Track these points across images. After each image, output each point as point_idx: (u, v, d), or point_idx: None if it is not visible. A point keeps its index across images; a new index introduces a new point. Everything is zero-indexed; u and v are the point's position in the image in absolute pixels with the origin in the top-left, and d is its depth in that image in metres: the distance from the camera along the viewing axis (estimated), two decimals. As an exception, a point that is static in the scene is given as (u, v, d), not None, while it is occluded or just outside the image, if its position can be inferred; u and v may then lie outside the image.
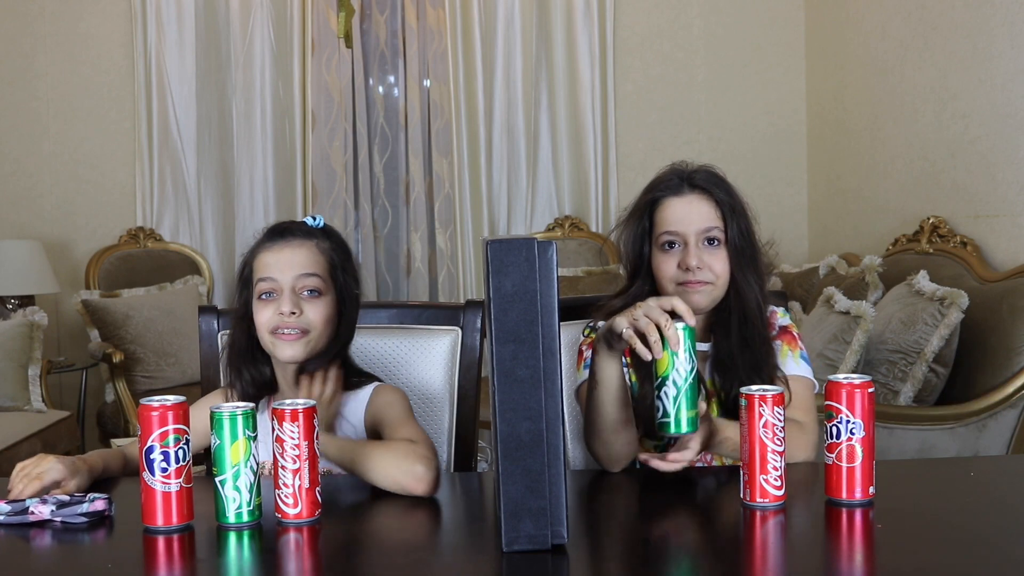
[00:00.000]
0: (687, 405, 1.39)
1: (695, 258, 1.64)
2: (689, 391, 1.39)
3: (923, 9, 3.64)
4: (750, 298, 1.66)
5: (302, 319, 1.59)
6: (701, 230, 1.66)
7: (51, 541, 1.31)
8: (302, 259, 1.61)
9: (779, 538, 1.31)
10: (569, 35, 4.72)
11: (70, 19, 4.60)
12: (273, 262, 1.61)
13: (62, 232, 4.62)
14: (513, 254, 1.17)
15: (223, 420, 1.30)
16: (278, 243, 1.63)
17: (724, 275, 1.66)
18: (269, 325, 1.59)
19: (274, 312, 1.59)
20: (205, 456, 1.94)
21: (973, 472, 1.58)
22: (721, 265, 1.65)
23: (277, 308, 1.59)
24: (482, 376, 1.93)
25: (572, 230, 4.71)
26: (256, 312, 1.61)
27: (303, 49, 4.60)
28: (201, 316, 1.93)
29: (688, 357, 1.39)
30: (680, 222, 1.67)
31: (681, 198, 1.68)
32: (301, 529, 1.30)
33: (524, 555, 1.17)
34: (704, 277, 1.64)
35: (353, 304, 1.68)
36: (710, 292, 1.66)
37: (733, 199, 1.68)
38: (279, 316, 1.58)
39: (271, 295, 1.60)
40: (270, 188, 4.67)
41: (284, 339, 1.59)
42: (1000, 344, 2.82)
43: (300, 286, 1.60)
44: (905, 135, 3.79)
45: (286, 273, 1.60)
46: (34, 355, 3.80)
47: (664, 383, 1.40)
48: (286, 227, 1.66)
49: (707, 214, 1.66)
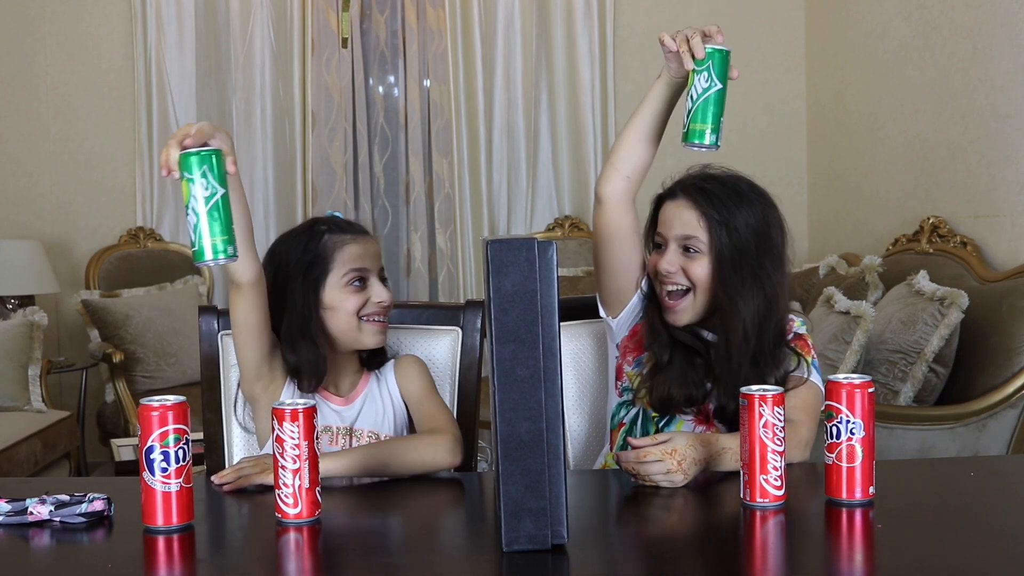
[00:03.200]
0: (702, 118, 1.54)
1: (667, 261, 1.68)
2: (706, 105, 1.53)
3: (923, 9, 3.64)
4: (742, 311, 1.63)
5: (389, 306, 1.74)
6: (679, 236, 1.68)
7: (50, 541, 1.30)
8: (376, 252, 1.75)
9: (779, 538, 1.31)
10: (569, 35, 4.72)
11: (70, 19, 4.60)
12: (363, 252, 1.71)
13: (62, 232, 4.62)
14: (513, 254, 1.17)
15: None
16: (359, 237, 1.73)
17: (704, 282, 1.66)
18: (363, 312, 1.70)
19: (365, 299, 1.69)
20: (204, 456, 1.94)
21: (973, 472, 1.58)
22: (701, 272, 1.66)
23: (367, 296, 1.70)
24: (482, 376, 1.94)
25: (572, 230, 4.71)
26: (342, 300, 1.69)
27: (303, 49, 4.60)
28: (201, 316, 1.93)
29: (709, 76, 1.53)
30: (664, 224, 1.71)
31: (672, 202, 1.71)
32: (301, 529, 1.30)
33: (524, 555, 1.17)
34: (676, 280, 1.67)
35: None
36: (689, 305, 1.67)
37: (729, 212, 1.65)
38: (376, 304, 1.70)
39: (361, 283, 1.70)
40: (270, 188, 4.67)
41: (376, 324, 1.71)
42: (1000, 344, 2.82)
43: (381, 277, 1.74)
44: (905, 135, 3.79)
45: (375, 263, 1.73)
46: (34, 355, 3.80)
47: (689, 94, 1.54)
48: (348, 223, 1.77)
49: (688, 222, 1.67)
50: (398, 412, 1.78)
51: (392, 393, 1.78)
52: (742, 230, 1.65)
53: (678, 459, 1.46)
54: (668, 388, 1.65)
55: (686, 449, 1.48)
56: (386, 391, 1.78)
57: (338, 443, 1.73)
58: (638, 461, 1.47)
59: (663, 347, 1.69)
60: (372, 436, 1.74)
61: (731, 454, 1.50)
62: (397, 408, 1.78)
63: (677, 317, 1.68)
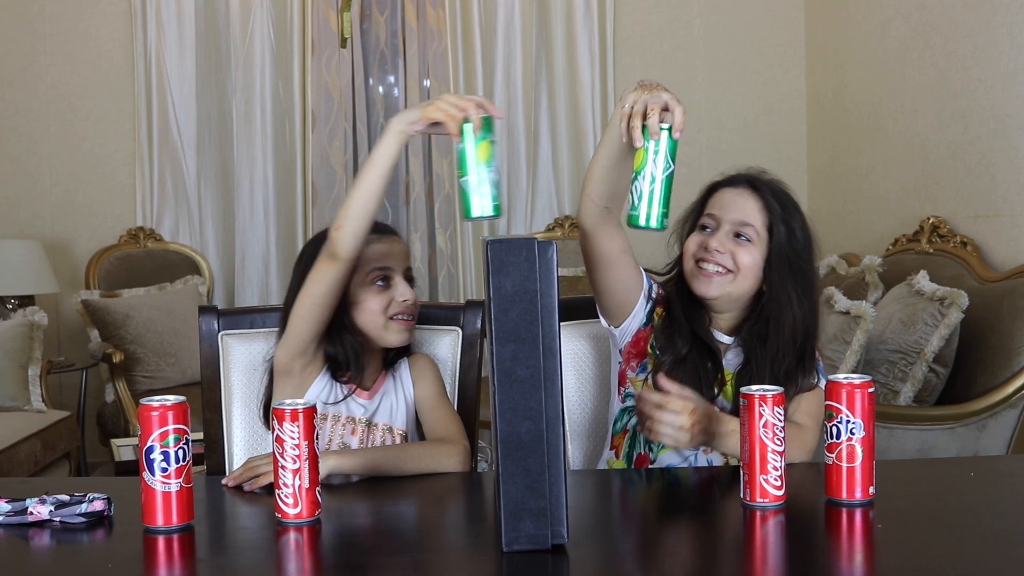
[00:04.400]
0: (660, 201, 1.41)
1: (717, 241, 1.66)
2: (663, 187, 1.40)
3: (923, 9, 3.64)
4: (785, 310, 1.64)
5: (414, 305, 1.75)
6: (737, 220, 1.67)
7: (50, 541, 1.30)
8: (404, 251, 1.76)
9: (779, 538, 1.31)
10: (569, 35, 4.71)
11: (70, 19, 4.60)
12: (387, 252, 1.73)
13: (62, 232, 4.62)
14: (513, 254, 1.17)
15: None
16: (383, 237, 1.73)
17: (748, 271, 1.65)
18: (388, 312, 1.71)
19: (390, 299, 1.71)
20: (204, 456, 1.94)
21: (973, 472, 1.58)
22: (748, 259, 1.65)
23: (393, 296, 1.71)
24: (482, 376, 1.94)
25: (572, 230, 4.71)
26: (367, 300, 1.71)
27: (303, 49, 4.60)
28: (201, 316, 1.93)
29: (666, 157, 1.40)
30: (721, 207, 1.69)
31: (731, 188, 1.70)
32: (301, 529, 1.30)
33: (524, 555, 1.17)
34: (721, 260, 1.65)
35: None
36: (726, 282, 1.66)
37: (789, 212, 1.67)
38: (401, 303, 1.71)
39: (386, 282, 1.71)
40: (270, 188, 4.67)
41: (403, 323, 1.73)
42: (1000, 344, 2.82)
43: (407, 276, 1.74)
44: (905, 135, 3.79)
45: (400, 263, 1.74)
46: (34, 355, 3.80)
47: (637, 176, 1.41)
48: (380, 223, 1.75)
49: (750, 209, 1.67)
50: (409, 408, 1.80)
51: (406, 390, 1.80)
52: (798, 233, 1.67)
53: (693, 420, 1.48)
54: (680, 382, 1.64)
55: (702, 415, 1.51)
56: (400, 388, 1.80)
57: (357, 434, 1.74)
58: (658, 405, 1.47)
59: (684, 340, 1.67)
60: (386, 429, 1.76)
61: (735, 438, 1.48)
62: (409, 405, 1.80)
63: (709, 288, 1.66)
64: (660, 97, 1.42)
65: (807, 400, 1.66)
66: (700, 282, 1.67)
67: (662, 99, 1.42)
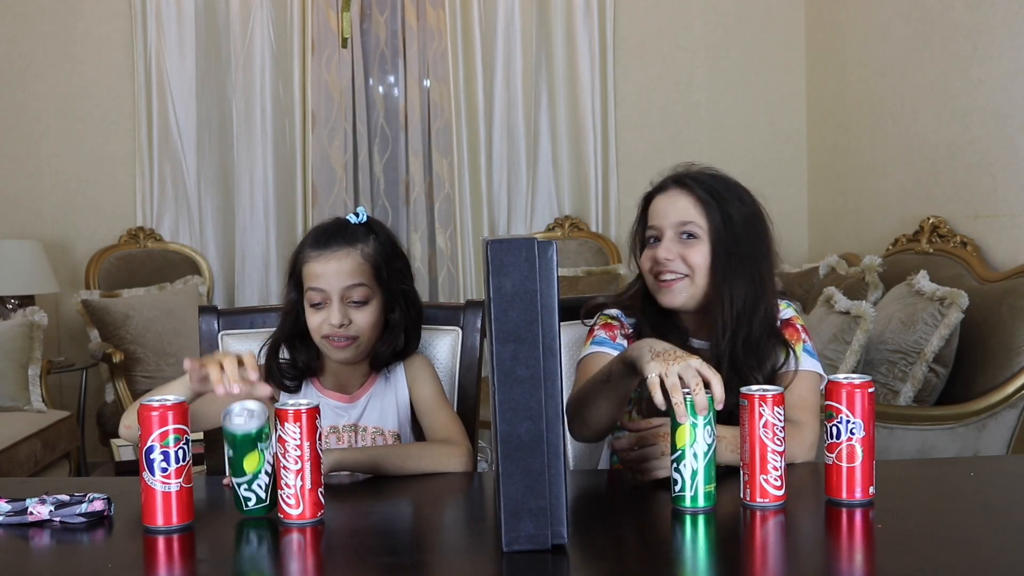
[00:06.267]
0: (705, 480, 1.31)
1: (664, 249, 1.67)
2: (708, 466, 1.31)
3: (923, 9, 3.64)
4: (736, 296, 1.63)
5: (351, 328, 1.68)
6: (676, 223, 1.67)
7: (50, 541, 1.30)
8: (348, 269, 1.68)
9: (779, 538, 1.31)
10: (569, 35, 4.72)
11: (70, 19, 4.60)
12: (321, 272, 1.68)
13: (62, 232, 4.62)
14: (513, 254, 1.17)
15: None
16: (325, 253, 1.68)
17: (702, 268, 1.65)
18: (320, 332, 1.69)
19: (323, 320, 1.68)
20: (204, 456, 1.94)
21: (973, 472, 1.58)
22: (699, 258, 1.65)
23: (327, 318, 1.67)
24: (482, 376, 1.94)
25: (572, 230, 4.71)
26: (308, 316, 1.70)
27: (303, 49, 4.60)
28: (201, 316, 1.94)
29: (711, 430, 1.31)
30: (658, 216, 1.70)
31: (663, 194, 1.71)
32: (303, 530, 1.30)
33: (524, 555, 1.17)
34: (675, 268, 1.66)
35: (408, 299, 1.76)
36: (685, 288, 1.66)
37: (720, 197, 1.66)
38: (329, 326, 1.67)
39: (321, 304, 1.68)
40: (270, 188, 4.67)
41: (336, 345, 1.69)
42: (1000, 344, 2.82)
43: (347, 296, 1.68)
44: (905, 135, 3.79)
45: (334, 283, 1.67)
46: (34, 355, 3.80)
47: (683, 456, 1.31)
48: (332, 232, 1.71)
49: (683, 208, 1.67)
50: (402, 410, 1.79)
51: (399, 392, 1.79)
52: (735, 217, 1.66)
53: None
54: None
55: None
56: (392, 390, 1.79)
57: (344, 441, 1.74)
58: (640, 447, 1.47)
59: None
60: (376, 431, 1.76)
61: (725, 443, 1.48)
62: (402, 406, 1.79)
63: (672, 298, 1.66)
64: (691, 367, 1.33)
65: (796, 391, 1.61)
66: (664, 294, 1.68)
67: (694, 370, 1.33)
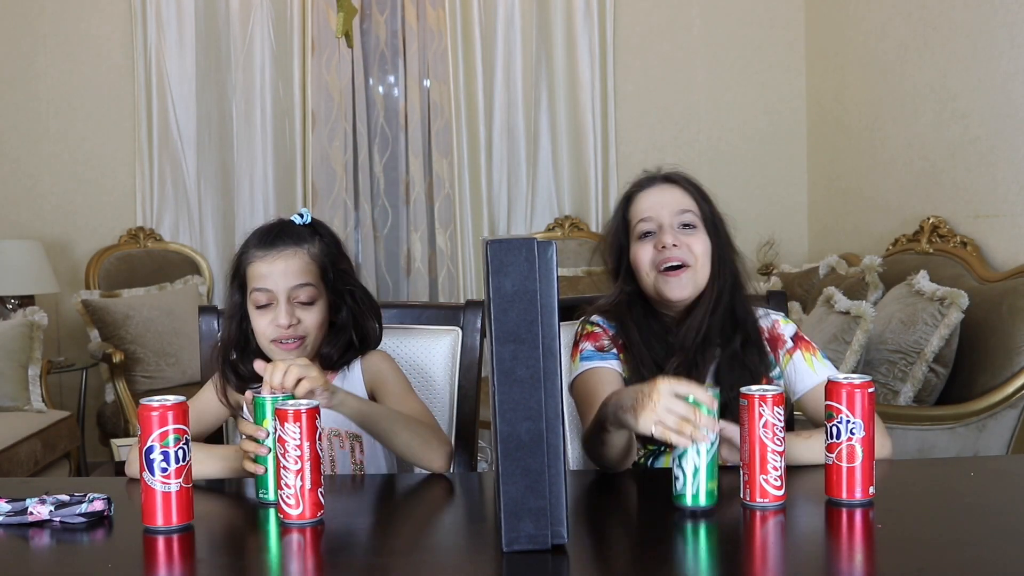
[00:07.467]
0: (707, 477, 1.32)
1: (671, 236, 1.65)
2: (710, 464, 1.32)
3: (923, 9, 3.64)
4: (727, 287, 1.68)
5: (299, 328, 1.65)
6: (676, 211, 1.67)
7: (50, 541, 1.30)
8: (295, 269, 1.65)
9: (779, 538, 1.31)
10: (569, 35, 4.72)
11: (70, 19, 4.60)
12: (267, 273, 1.65)
13: (62, 232, 4.63)
14: (513, 254, 1.17)
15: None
16: (271, 253, 1.66)
17: (704, 257, 1.66)
18: (268, 335, 1.65)
19: (270, 322, 1.64)
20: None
21: (973, 472, 1.58)
22: (701, 246, 1.66)
23: (274, 319, 1.64)
24: (482, 376, 1.93)
25: (572, 230, 4.71)
26: (253, 319, 1.67)
27: (303, 49, 4.60)
28: (201, 316, 1.94)
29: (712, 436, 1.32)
30: (653, 208, 1.68)
31: (653, 188, 1.71)
32: (303, 530, 1.30)
33: (524, 555, 1.17)
34: (682, 255, 1.64)
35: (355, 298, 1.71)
36: (691, 278, 1.65)
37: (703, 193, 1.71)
38: (277, 328, 1.63)
39: (267, 306, 1.65)
40: (270, 188, 4.67)
41: (284, 347, 1.66)
42: (1000, 344, 2.82)
43: (294, 296, 1.65)
44: (905, 135, 3.79)
45: (280, 284, 1.65)
46: (34, 355, 3.80)
47: (684, 455, 1.32)
48: (277, 232, 1.69)
49: (679, 199, 1.69)
50: None
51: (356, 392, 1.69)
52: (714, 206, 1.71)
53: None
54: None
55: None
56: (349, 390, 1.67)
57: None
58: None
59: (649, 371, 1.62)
60: (333, 432, 1.70)
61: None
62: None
63: (681, 289, 1.65)
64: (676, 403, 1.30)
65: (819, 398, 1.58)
66: (670, 287, 1.64)
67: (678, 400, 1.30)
